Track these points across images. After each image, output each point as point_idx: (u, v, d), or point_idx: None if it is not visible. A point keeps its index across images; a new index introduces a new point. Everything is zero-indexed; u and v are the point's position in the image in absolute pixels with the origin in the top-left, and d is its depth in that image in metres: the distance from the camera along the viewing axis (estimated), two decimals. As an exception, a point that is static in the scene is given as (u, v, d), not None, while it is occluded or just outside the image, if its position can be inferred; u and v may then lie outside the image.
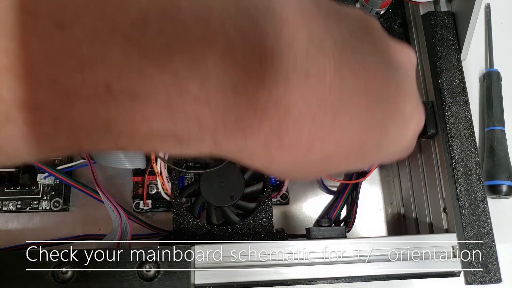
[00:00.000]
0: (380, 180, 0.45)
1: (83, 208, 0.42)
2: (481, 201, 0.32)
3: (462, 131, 0.33)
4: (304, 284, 0.32)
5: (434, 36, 0.36)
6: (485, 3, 0.48)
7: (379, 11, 0.39)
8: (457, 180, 0.32)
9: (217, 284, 0.30)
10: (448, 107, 0.34)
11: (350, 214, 0.42)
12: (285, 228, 0.40)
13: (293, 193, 0.44)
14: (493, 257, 0.31)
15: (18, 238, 0.41)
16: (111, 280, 0.28)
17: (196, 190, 0.39)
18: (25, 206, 0.41)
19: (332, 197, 0.44)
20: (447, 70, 0.35)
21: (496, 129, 0.43)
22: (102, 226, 0.41)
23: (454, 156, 0.33)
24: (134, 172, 0.41)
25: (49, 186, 0.42)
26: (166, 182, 0.38)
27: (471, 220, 0.31)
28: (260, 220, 0.36)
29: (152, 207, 0.41)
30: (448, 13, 0.37)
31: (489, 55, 0.46)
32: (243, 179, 0.37)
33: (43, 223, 0.42)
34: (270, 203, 0.37)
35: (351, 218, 0.41)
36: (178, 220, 0.36)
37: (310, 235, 0.33)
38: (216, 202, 0.37)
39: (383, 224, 0.44)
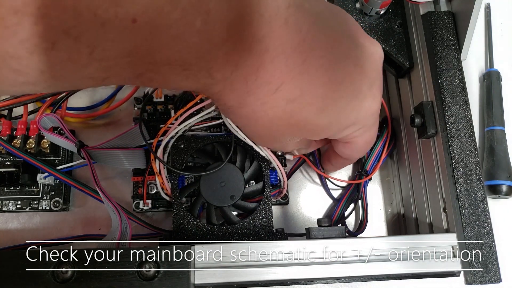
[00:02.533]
0: (380, 180, 0.45)
1: (83, 208, 0.42)
2: (481, 201, 0.32)
3: (462, 131, 0.33)
4: (304, 284, 0.32)
5: (434, 36, 0.36)
6: (485, 3, 0.48)
7: (379, 11, 0.39)
8: (457, 180, 0.32)
9: (217, 284, 0.30)
10: (448, 107, 0.34)
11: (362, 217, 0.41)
12: (285, 228, 0.40)
13: (293, 193, 0.44)
14: (493, 257, 0.31)
15: (18, 238, 0.41)
16: (111, 280, 0.28)
17: (196, 190, 0.39)
18: (25, 206, 0.41)
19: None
20: (447, 70, 0.35)
21: (496, 129, 0.43)
22: (102, 226, 0.41)
23: (454, 156, 0.33)
24: (134, 172, 0.41)
25: (49, 186, 0.42)
26: (165, 182, 0.38)
27: (471, 220, 0.31)
28: (260, 220, 0.36)
29: (152, 207, 0.41)
30: (448, 13, 0.37)
31: (489, 55, 0.46)
32: (243, 179, 0.37)
33: (43, 223, 0.42)
34: (270, 203, 0.37)
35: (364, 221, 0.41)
36: (178, 220, 0.36)
37: (310, 235, 0.33)
38: (216, 202, 0.37)
39: (383, 224, 0.44)
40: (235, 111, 0.25)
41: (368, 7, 0.39)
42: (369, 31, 0.39)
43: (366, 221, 0.41)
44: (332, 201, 0.44)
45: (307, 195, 0.44)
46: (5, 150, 0.41)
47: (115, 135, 0.38)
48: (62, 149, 0.43)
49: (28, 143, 0.41)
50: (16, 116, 0.43)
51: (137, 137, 0.39)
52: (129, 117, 0.45)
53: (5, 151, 0.41)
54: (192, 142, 0.38)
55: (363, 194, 0.42)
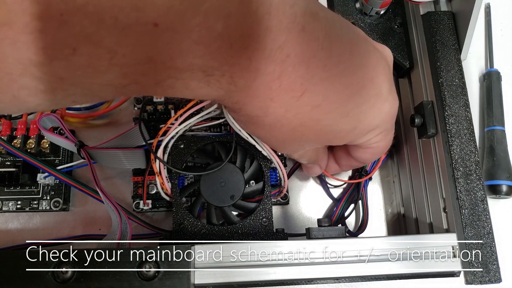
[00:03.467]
0: (380, 180, 0.45)
1: (83, 208, 0.42)
2: (481, 201, 0.32)
3: (462, 131, 0.33)
4: (304, 284, 0.32)
5: (434, 36, 0.36)
6: (485, 3, 0.48)
7: (379, 11, 0.39)
8: (457, 180, 0.32)
9: (217, 284, 0.30)
10: (448, 107, 0.34)
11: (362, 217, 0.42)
12: (285, 228, 0.40)
13: (293, 193, 0.44)
14: (493, 257, 0.31)
15: (18, 238, 0.41)
16: (111, 280, 0.28)
17: (196, 190, 0.39)
18: (25, 206, 0.41)
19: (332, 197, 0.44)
20: (447, 70, 0.35)
21: (496, 129, 0.43)
22: (102, 226, 0.41)
23: (454, 156, 0.33)
24: (134, 172, 0.41)
25: (49, 186, 0.42)
26: (165, 182, 0.38)
27: (471, 220, 0.31)
28: (260, 220, 0.36)
29: (152, 207, 0.41)
30: (448, 13, 0.37)
31: (489, 55, 0.46)
32: (243, 179, 0.37)
33: (43, 223, 0.42)
34: (270, 203, 0.37)
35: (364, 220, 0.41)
36: (178, 220, 0.36)
37: (310, 235, 0.33)
38: (216, 202, 0.37)
39: (383, 224, 0.44)
40: (259, 120, 0.24)
41: (368, 7, 0.39)
42: (369, 31, 0.39)
43: (367, 221, 0.41)
44: (332, 201, 0.44)
45: (307, 195, 0.44)
46: (5, 150, 0.41)
47: (115, 135, 0.38)
48: (62, 149, 0.43)
49: (28, 143, 0.41)
50: (16, 116, 0.43)
51: (137, 137, 0.39)
52: (129, 117, 0.45)
53: (5, 151, 0.41)
54: (192, 142, 0.38)
55: (363, 194, 0.42)
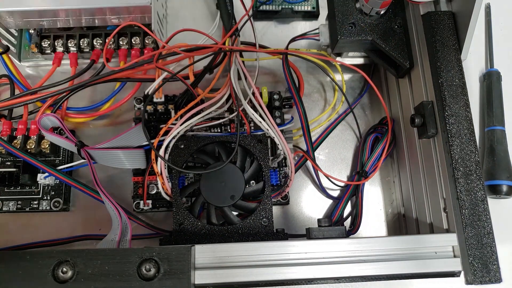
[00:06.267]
0: (380, 180, 0.45)
1: (83, 208, 0.42)
2: (481, 201, 0.32)
3: (462, 131, 0.33)
4: (304, 284, 0.32)
5: (434, 36, 0.36)
6: (485, 3, 0.48)
7: (379, 11, 0.39)
8: (457, 180, 0.32)
9: (217, 284, 0.30)
10: (448, 107, 0.34)
11: (355, 217, 0.42)
12: (286, 228, 0.40)
13: (293, 193, 0.44)
14: (493, 257, 0.30)
15: (18, 238, 0.41)
16: (111, 280, 0.28)
17: (196, 190, 0.39)
18: (25, 206, 0.41)
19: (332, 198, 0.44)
20: (447, 70, 0.35)
21: (496, 129, 0.43)
22: (102, 226, 0.41)
23: (454, 156, 0.33)
24: (134, 172, 0.41)
25: (49, 186, 0.42)
26: (166, 182, 0.38)
27: (471, 220, 0.31)
28: (260, 220, 0.36)
29: (152, 207, 0.41)
30: (448, 13, 0.37)
31: (489, 55, 0.46)
32: (243, 179, 0.37)
33: (43, 223, 0.42)
34: (271, 203, 0.37)
35: (357, 220, 0.41)
36: (178, 220, 0.36)
37: (310, 235, 0.33)
38: (216, 202, 0.37)
39: (383, 224, 0.44)
40: None
41: (368, 7, 0.39)
42: (369, 31, 0.39)
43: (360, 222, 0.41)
44: (332, 201, 0.44)
45: (307, 195, 0.44)
46: (5, 150, 0.41)
47: (115, 135, 0.38)
48: (62, 149, 0.43)
49: (28, 143, 0.41)
50: (16, 116, 0.43)
51: (137, 137, 0.39)
52: (129, 117, 0.45)
53: (5, 151, 0.41)
54: (193, 142, 0.38)
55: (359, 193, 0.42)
